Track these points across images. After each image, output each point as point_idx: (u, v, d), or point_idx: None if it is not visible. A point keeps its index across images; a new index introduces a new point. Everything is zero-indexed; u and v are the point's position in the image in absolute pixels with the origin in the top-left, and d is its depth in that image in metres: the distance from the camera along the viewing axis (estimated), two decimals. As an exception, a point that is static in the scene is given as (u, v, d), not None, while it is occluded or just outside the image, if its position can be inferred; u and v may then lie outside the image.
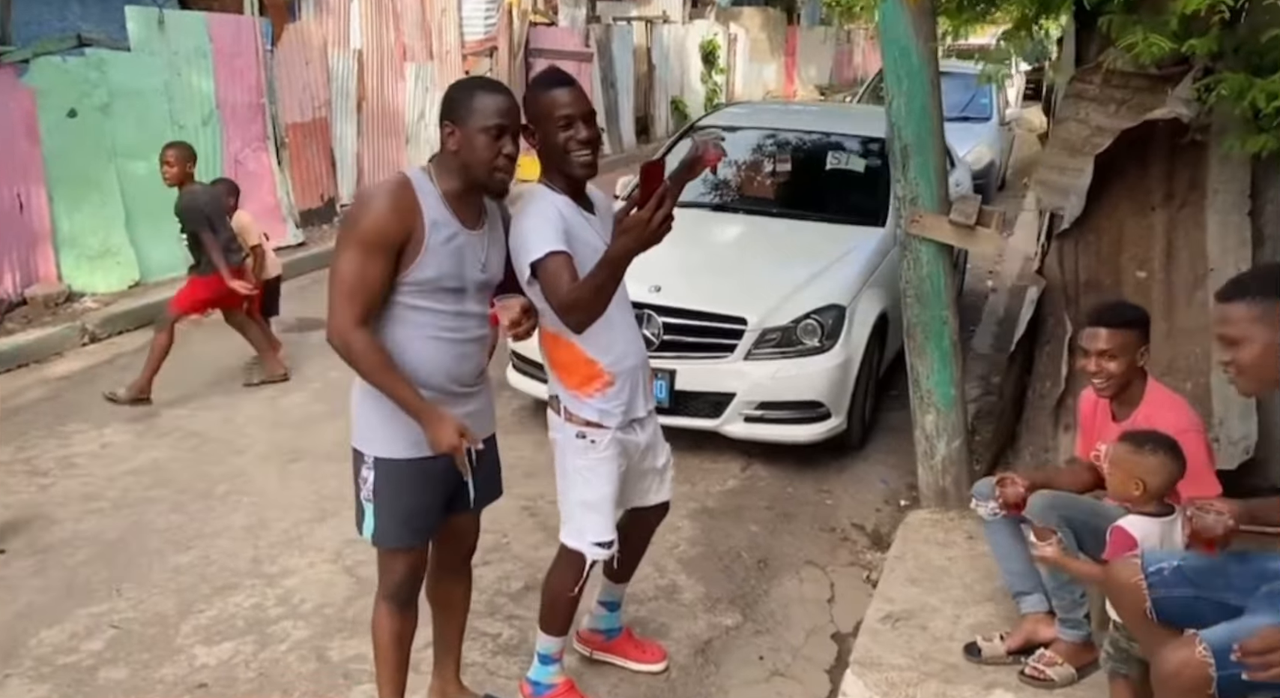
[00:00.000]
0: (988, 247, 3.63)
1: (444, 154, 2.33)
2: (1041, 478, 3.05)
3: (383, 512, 2.42)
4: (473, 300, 2.40)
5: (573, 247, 2.42)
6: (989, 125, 10.75)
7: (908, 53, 3.52)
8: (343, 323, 2.24)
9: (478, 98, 2.26)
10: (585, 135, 2.46)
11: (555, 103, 2.45)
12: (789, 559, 3.83)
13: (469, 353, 2.43)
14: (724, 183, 5.95)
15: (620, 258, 2.22)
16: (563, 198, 2.51)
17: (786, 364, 4.40)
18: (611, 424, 2.62)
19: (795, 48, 23.74)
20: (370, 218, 2.22)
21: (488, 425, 2.58)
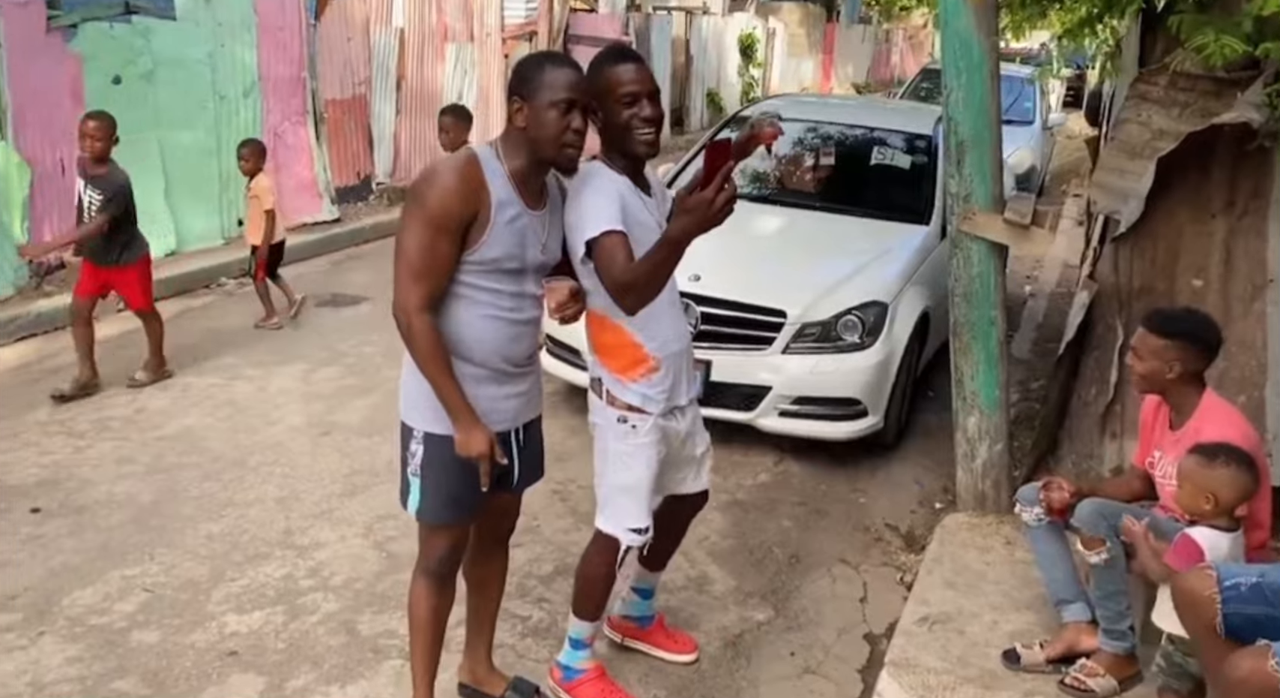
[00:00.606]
0: (1040, 247, 3.56)
1: (511, 130, 2.28)
2: (1088, 486, 3.00)
3: (429, 488, 2.40)
4: (530, 281, 2.38)
5: (629, 227, 2.38)
6: (1032, 129, 10.62)
7: (969, 46, 3.45)
8: (408, 303, 2.21)
9: (547, 72, 2.22)
10: (649, 113, 2.42)
11: (620, 79, 2.40)
12: (821, 556, 3.79)
13: (524, 333, 2.40)
14: (767, 175, 5.89)
15: (680, 238, 2.17)
16: (622, 178, 2.48)
17: (825, 359, 4.34)
18: (654, 410, 2.58)
19: (833, 45, 23.56)
20: (438, 196, 2.19)
21: (536, 406, 2.56)
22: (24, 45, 5.90)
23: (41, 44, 6.03)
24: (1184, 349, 2.73)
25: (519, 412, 2.46)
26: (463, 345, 2.30)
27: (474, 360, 2.32)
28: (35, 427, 4.41)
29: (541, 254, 2.37)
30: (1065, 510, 2.89)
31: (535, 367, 2.53)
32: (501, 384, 2.38)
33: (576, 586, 2.81)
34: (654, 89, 2.45)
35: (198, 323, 6.02)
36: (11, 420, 4.45)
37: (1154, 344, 2.74)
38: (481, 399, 2.33)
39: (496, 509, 2.62)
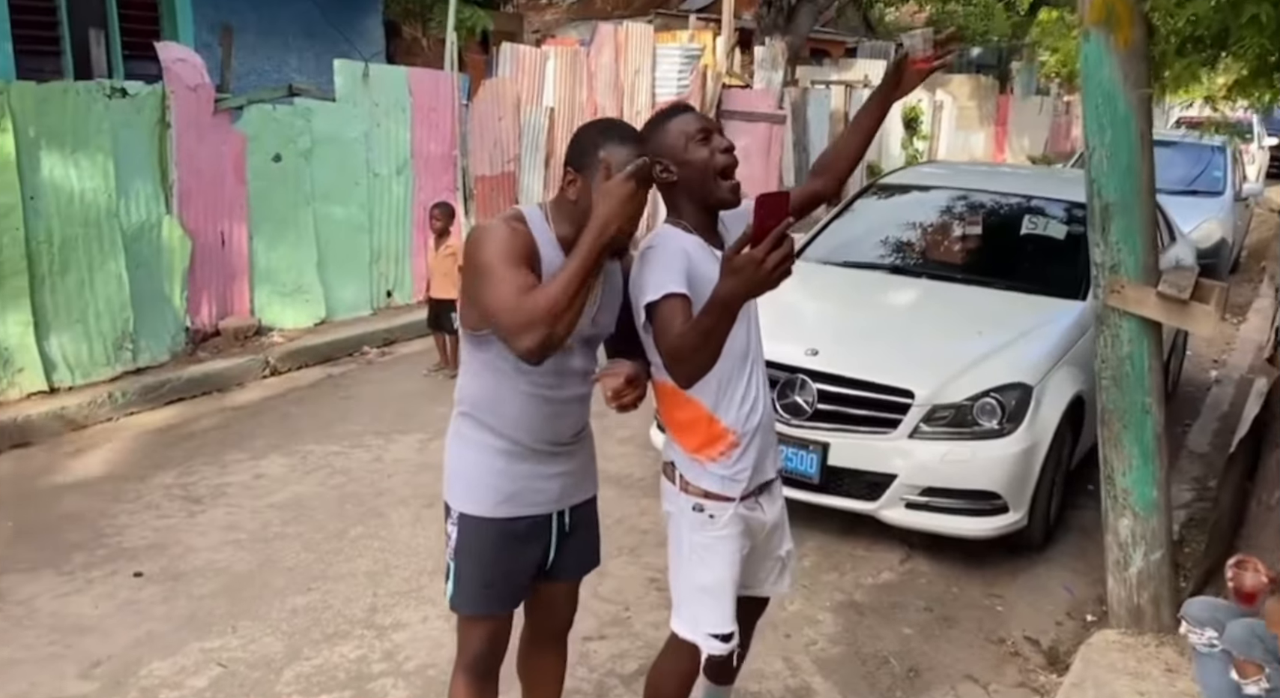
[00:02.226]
0: (1203, 326, 3.07)
1: (562, 199, 2.14)
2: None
3: (462, 574, 2.24)
4: (578, 356, 2.19)
5: (699, 291, 2.10)
6: (1221, 200, 9.72)
7: (1113, 99, 3.06)
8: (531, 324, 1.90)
9: (602, 148, 2.07)
10: (725, 145, 2.22)
11: (688, 121, 2.23)
12: (945, 671, 3.33)
13: (565, 411, 2.22)
14: (907, 243, 5.53)
15: (729, 301, 1.88)
16: (692, 238, 2.24)
17: (959, 447, 3.92)
18: (735, 493, 2.29)
19: (1007, 117, 22.74)
20: (496, 240, 2.03)
21: (587, 488, 2.37)
22: (192, 125, 6.32)
23: (209, 125, 6.45)
24: None
25: (563, 493, 2.27)
26: (497, 420, 2.15)
27: (509, 437, 2.16)
28: (159, 489, 4.54)
29: (592, 326, 2.18)
30: (1254, 596, 2.46)
31: (585, 445, 2.34)
32: (542, 463, 2.21)
33: (647, 695, 2.53)
34: (719, 130, 2.27)
35: (334, 390, 6.16)
36: (141, 482, 4.60)
37: None
38: (518, 478, 2.18)
39: (547, 600, 2.43)
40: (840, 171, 2.50)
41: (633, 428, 5.16)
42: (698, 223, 2.26)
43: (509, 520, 2.18)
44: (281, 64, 8.58)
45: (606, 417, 2.34)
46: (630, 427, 5.18)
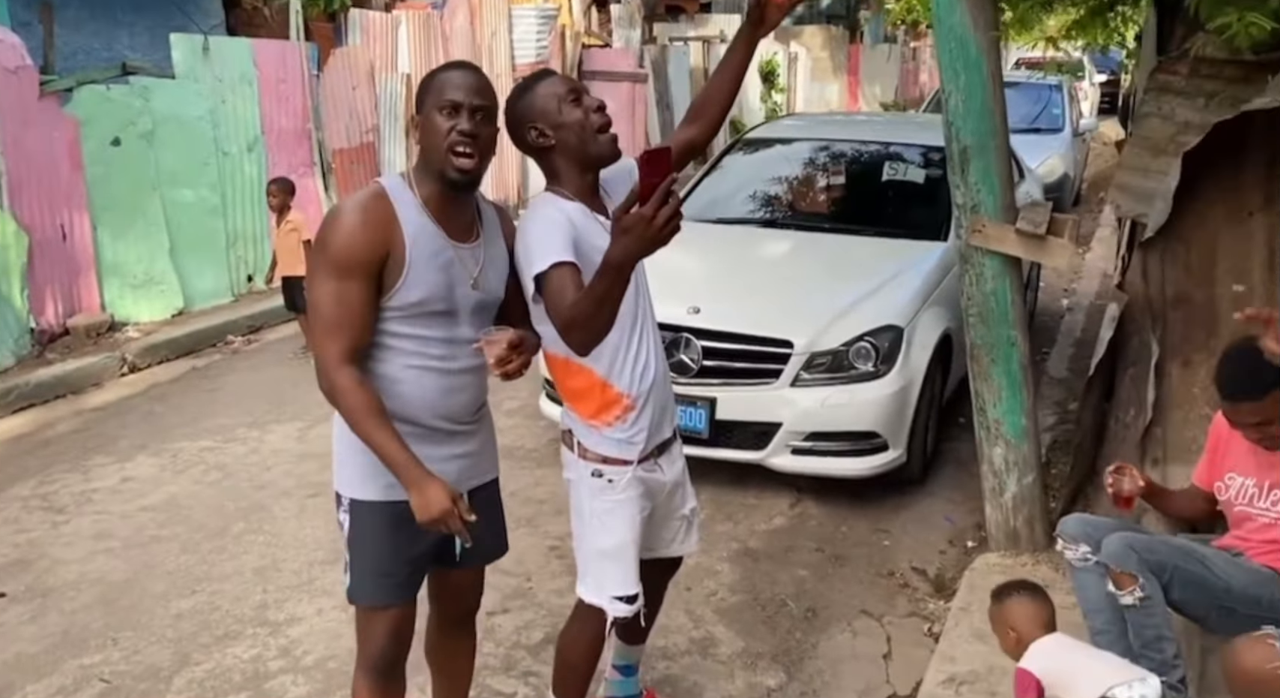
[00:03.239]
0: (1060, 259, 3.23)
1: (418, 151, 2.08)
2: (1157, 488, 2.73)
3: (358, 563, 2.14)
4: (467, 324, 2.10)
5: (587, 256, 2.09)
6: (1061, 137, 10.24)
7: (965, 44, 3.16)
8: (326, 360, 1.97)
9: (436, 78, 2.02)
10: (598, 103, 2.20)
11: (556, 84, 2.20)
12: (841, 609, 3.45)
13: (462, 385, 2.13)
14: (773, 197, 5.62)
15: (621, 263, 1.86)
16: (573, 204, 2.20)
17: (838, 391, 4.03)
18: (633, 456, 2.29)
19: (858, 66, 23.29)
20: (340, 238, 1.96)
21: (488, 468, 2.29)
22: (16, 111, 5.86)
23: (35, 110, 5.98)
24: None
25: (462, 475, 2.17)
26: (390, 401, 2.03)
27: (404, 417, 2.05)
28: (16, 502, 4.25)
29: (475, 291, 2.10)
30: (1131, 501, 2.64)
31: (484, 423, 2.26)
32: (439, 444, 2.10)
33: (557, 661, 2.52)
34: (585, 88, 2.26)
35: (200, 383, 5.88)
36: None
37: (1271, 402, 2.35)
38: None
39: (452, 587, 2.36)
40: (714, 116, 2.48)
41: (521, 399, 5.12)
42: (578, 187, 2.23)
43: (404, 504, 2.03)
44: (111, 41, 8.01)
45: (495, 391, 2.28)
46: (518, 398, 5.14)
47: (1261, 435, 2.43)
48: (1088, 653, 2.36)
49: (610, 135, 2.22)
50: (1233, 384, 2.42)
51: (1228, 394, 2.44)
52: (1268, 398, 2.35)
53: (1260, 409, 2.37)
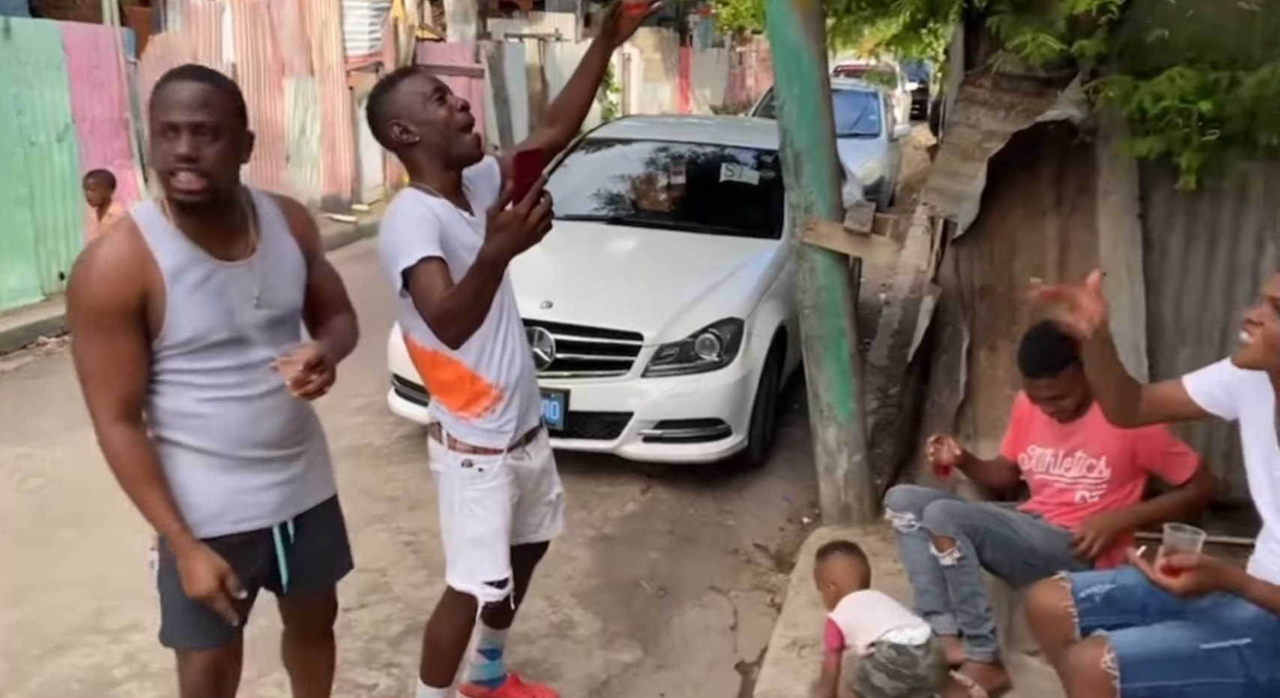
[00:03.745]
0: (883, 255, 3.53)
1: None
2: (970, 459, 3.01)
3: (166, 604, 2.00)
4: (263, 345, 1.96)
5: (454, 251, 2.15)
6: (878, 141, 10.90)
7: (798, 54, 3.40)
8: (97, 417, 1.85)
9: (157, 92, 1.83)
10: (462, 103, 2.25)
11: (420, 83, 2.25)
12: (691, 586, 3.64)
13: (269, 409, 1.99)
14: (619, 196, 5.78)
15: (495, 260, 1.91)
16: (438, 200, 2.24)
17: (685, 381, 4.23)
18: (502, 445, 2.35)
19: (689, 69, 23.91)
20: (89, 291, 1.81)
21: (317, 491, 2.16)
22: None
23: None
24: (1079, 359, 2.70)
25: (283, 503, 2.06)
26: (190, 434, 1.93)
27: (210, 451, 1.94)
28: None
29: (259, 309, 1.95)
30: (949, 468, 2.90)
31: (309, 447, 2.13)
32: (254, 473, 1.99)
33: (426, 649, 2.57)
34: (449, 88, 2.30)
35: (11, 388, 5.49)
36: None
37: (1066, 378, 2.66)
38: (224, 493, 1.97)
39: (298, 610, 2.29)
40: (573, 118, 2.57)
41: (367, 396, 5.07)
42: (442, 184, 2.27)
43: (214, 540, 1.94)
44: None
45: (339, 388, 2.22)
46: (364, 395, 5.09)
47: (1057, 409, 2.75)
48: (883, 605, 2.63)
49: (474, 135, 2.29)
50: (1031, 363, 2.74)
51: (1027, 372, 2.76)
52: (1061, 375, 2.67)
53: (1055, 385, 2.70)
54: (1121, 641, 1.93)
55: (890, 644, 2.49)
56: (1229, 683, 1.88)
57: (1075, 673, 1.95)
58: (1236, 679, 1.88)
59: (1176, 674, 1.89)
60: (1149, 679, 1.88)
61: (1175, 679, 1.88)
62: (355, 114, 10.75)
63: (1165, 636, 1.97)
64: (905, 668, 2.48)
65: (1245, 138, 3.19)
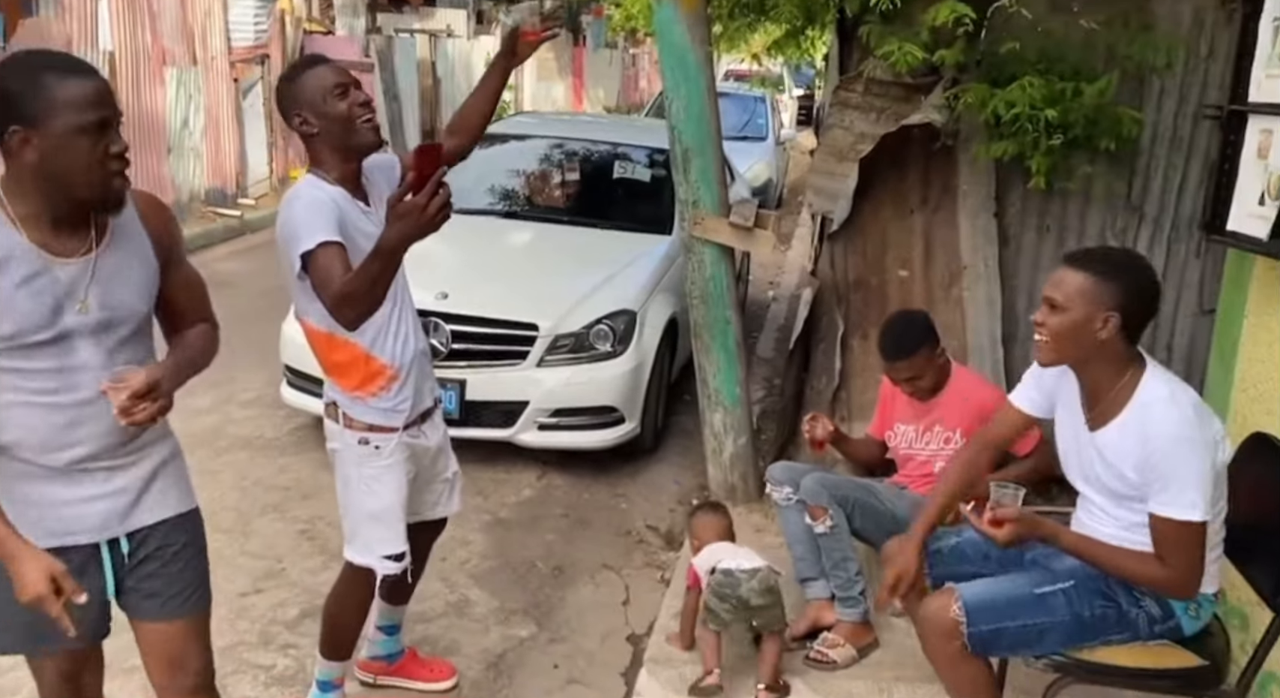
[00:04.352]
0: (765, 247, 3.74)
1: (15, 168, 1.72)
2: (843, 436, 3.25)
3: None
4: (90, 349, 1.80)
5: (351, 238, 2.24)
6: (766, 145, 11.24)
7: (684, 56, 3.58)
8: None
9: (58, 87, 1.67)
10: (364, 98, 2.34)
11: (324, 75, 2.32)
12: (584, 565, 3.78)
13: (86, 417, 1.81)
14: (514, 191, 5.88)
15: (395, 247, 1.99)
16: (336, 188, 2.34)
17: (579, 370, 4.36)
18: (398, 424, 2.45)
19: (582, 68, 24.05)
20: None
21: (165, 504, 1.96)
22: None
23: None
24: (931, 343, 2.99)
25: (112, 516, 1.88)
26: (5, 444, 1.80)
27: (20, 457, 1.80)
28: None
29: (87, 313, 1.80)
30: (823, 444, 3.13)
31: (142, 455, 1.92)
32: (73, 484, 1.83)
33: (325, 625, 2.64)
34: (355, 81, 2.38)
35: None
36: None
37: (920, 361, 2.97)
38: (40, 504, 1.81)
39: (160, 648, 1.98)
40: (474, 130, 2.68)
41: (257, 389, 5.05)
42: (341, 173, 2.36)
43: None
44: None
45: (231, 381, 2.22)
46: (253, 388, 5.06)
47: (915, 388, 3.01)
48: (732, 550, 2.93)
49: (372, 125, 2.37)
50: (889, 348, 3.00)
51: (886, 356, 3.01)
52: (914, 357, 2.94)
53: (911, 367, 2.96)
54: (967, 590, 2.17)
55: (720, 570, 2.84)
56: (1058, 621, 2.13)
57: (927, 622, 2.18)
58: (1064, 617, 2.13)
59: (1014, 616, 2.13)
60: (992, 623, 2.12)
61: (1013, 621, 2.12)
62: (240, 106, 10.52)
63: (1004, 585, 2.21)
64: (730, 589, 2.79)
65: (1088, 142, 3.53)
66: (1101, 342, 2.06)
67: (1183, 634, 2.16)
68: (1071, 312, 2.05)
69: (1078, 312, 2.05)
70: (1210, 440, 2.03)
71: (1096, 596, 2.14)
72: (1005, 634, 2.12)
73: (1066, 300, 2.06)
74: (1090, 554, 2.12)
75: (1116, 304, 2.04)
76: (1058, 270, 2.14)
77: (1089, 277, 2.06)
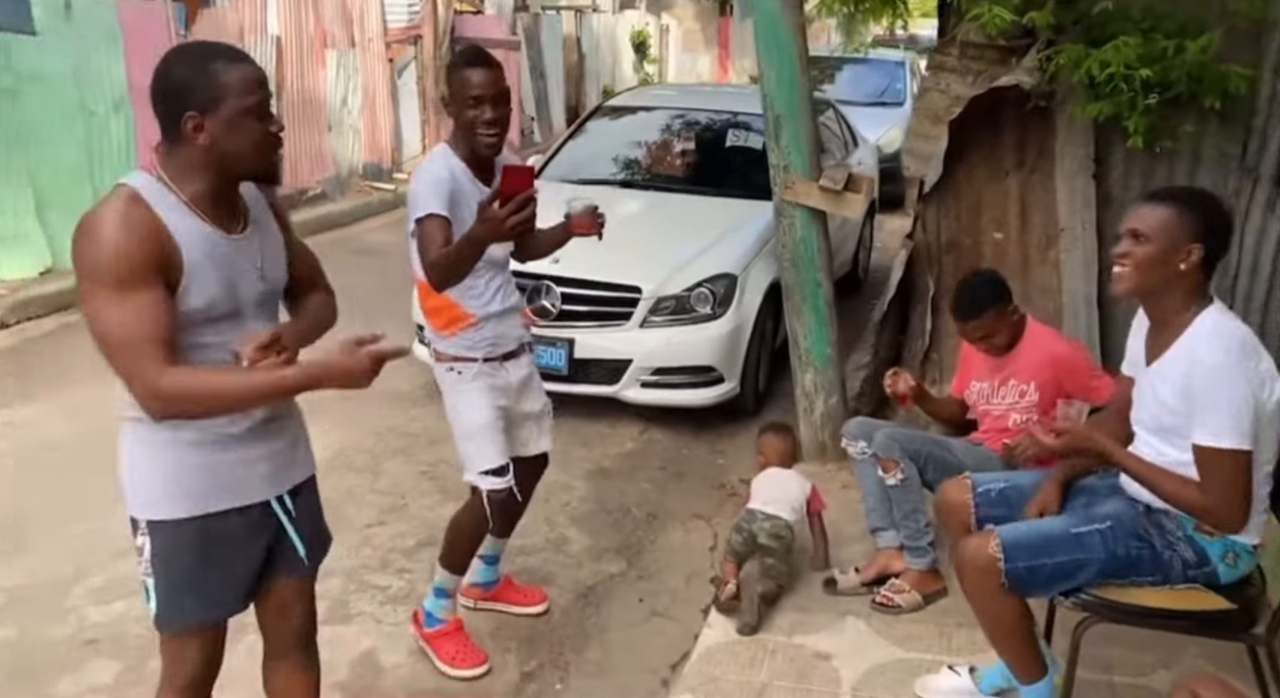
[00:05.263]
0: (854, 211, 3.83)
1: (186, 151, 1.83)
2: (925, 392, 3.32)
3: (165, 585, 1.96)
4: (254, 320, 1.95)
5: (460, 212, 2.60)
6: (902, 111, 10.99)
7: (776, 26, 3.69)
8: (145, 384, 1.75)
9: (224, 75, 1.81)
10: (490, 116, 2.60)
11: (468, 82, 2.60)
12: (677, 513, 4.00)
13: None
14: (634, 161, 6.11)
15: (478, 241, 2.44)
16: (460, 163, 2.67)
17: (680, 331, 4.57)
18: (477, 356, 2.78)
19: (729, 39, 23.96)
20: (110, 253, 1.74)
21: (304, 464, 2.13)
22: (-128, 66, 5.81)
23: (-109, 64, 5.94)
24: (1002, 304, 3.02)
25: (276, 476, 2.03)
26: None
27: (202, 426, 1.91)
28: (-102, 445, 4.40)
29: (261, 282, 1.96)
30: (906, 397, 3.20)
31: (291, 418, 2.09)
32: (244, 446, 1.97)
33: (446, 538, 2.95)
34: (500, 92, 2.61)
35: (75, 337, 6.00)
36: (-127, 441, 4.43)
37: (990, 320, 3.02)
38: (219, 469, 1.94)
39: (279, 604, 2.14)
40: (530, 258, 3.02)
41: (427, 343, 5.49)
42: (466, 153, 2.69)
43: (215, 517, 1.94)
44: (-36, -5, 7.84)
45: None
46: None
47: (989, 346, 3.07)
48: (777, 483, 3.28)
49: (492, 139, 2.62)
50: (960, 308, 3.07)
51: (958, 317, 3.08)
52: (984, 317, 3.00)
53: (981, 325, 3.02)
54: (1005, 530, 2.27)
55: (747, 508, 3.22)
56: (1092, 557, 2.20)
57: (965, 560, 2.29)
58: (1099, 555, 2.20)
59: (1050, 553, 2.21)
60: (1028, 560, 2.21)
61: (1050, 558, 2.20)
62: (394, 85, 11.15)
63: (1041, 525, 2.30)
64: (745, 524, 3.16)
65: (1191, 101, 3.45)
66: (1181, 273, 2.14)
67: (1218, 581, 2.19)
68: (1156, 241, 2.14)
69: (1162, 241, 2.13)
70: (1253, 372, 2.07)
71: (1132, 537, 2.20)
72: (1041, 572, 2.21)
73: (1151, 231, 2.14)
74: (1138, 470, 2.19)
75: (1199, 236, 2.12)
76: (1138, 206, 2.23)
77: (1173, 209, 2.15)
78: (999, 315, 2.98)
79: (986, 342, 3.06)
